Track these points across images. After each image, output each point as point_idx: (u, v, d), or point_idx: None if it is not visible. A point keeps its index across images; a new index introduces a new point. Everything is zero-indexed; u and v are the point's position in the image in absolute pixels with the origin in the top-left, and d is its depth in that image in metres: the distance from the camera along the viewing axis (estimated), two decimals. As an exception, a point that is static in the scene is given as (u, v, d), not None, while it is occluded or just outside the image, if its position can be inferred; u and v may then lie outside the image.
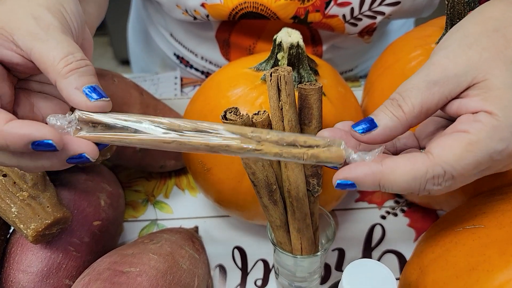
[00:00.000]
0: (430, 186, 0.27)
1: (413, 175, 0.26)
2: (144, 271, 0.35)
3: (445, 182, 0.26)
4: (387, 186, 0.27)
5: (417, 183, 0.26)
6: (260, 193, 0.36)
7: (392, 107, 0.28)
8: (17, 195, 0.37)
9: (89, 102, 0.27)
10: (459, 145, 0.26)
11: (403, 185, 0.27)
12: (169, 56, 0.70)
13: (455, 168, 0.26)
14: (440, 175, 0.26)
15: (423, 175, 0.26)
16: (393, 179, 0.27)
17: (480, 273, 0.29)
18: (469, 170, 0.26)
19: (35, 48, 0.27)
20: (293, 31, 0.41)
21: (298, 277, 0.42)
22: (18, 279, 0.38)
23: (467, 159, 0.26)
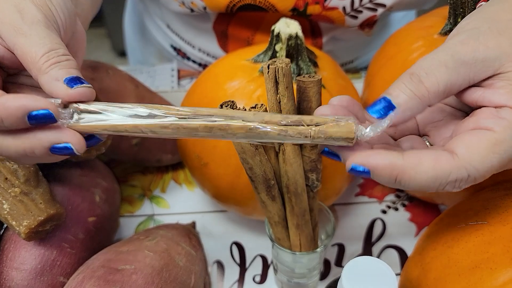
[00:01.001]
0: (449, 188, 0.25)
1: (435, 175, 0.24)
2: (139, 268, 0.35)
3: (466, 184, 0.25)
4: (404, 182, 0.25)
5: (437, 183, 0.25)
6: (258, 188, 0.35)
7: (412, 84, 0.26)
8: (9, 191, 0.36)
9: (70, 90, 0.26)
10: (485, 146, 0.24)
11: (421, 184, 0.25)
12: (166, 47, 0.69)
13: (479, 171, 0.25)
14: (463, 178, 0.25)
15: (446, 177, 0.25)
16: (413, 177, 0.25)
17: (483, 271, 0.28)
18: (492, 172, 0.25)
19: (17, 44, 0.27)
20: (291, 22, 0.40)
21: (297, 273, 0.41)
22: (12, 277, 0.37)
23: (492, 160, 0.24)
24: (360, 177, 0.33)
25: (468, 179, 0.25)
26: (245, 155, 0.32)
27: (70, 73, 0.27)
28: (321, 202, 0.40)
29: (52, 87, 0.26)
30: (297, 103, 0.32)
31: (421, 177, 0.25)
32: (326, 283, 0.44)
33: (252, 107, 0.31)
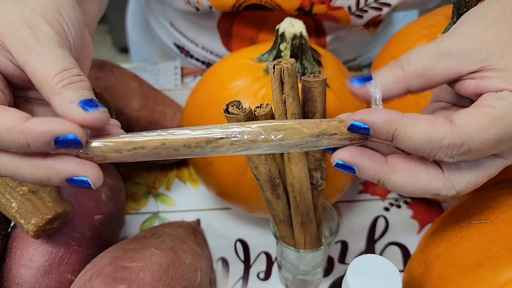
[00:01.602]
0: (441, 155, 0.25)
1: (429, 136, 0.25)
2: (146, 266, 0.35)
3: (459, 155, 0.25)
4: (400, 138, 0.26)
5: (430, 145, 0.25)
6: (263, 187, 0.35)
7: (394, 67, 0.27)
8: (17, 190, 0.36)
9: (86, 114, 0.25)
10: (484, 118, 0.25)
11: (415, 143, 0.25)
12: (169, 45, 0.69)
13: (474, 141, 0.25)
14: (456, 145, 0.25)
15: (439, 139, 0.25)
16: (408, 133, 0.25)
17: (487, 269, 0.29)
18: (488, 146, 0.25)
19: (29, 62, 0.26)
20: (296, 21, 0.40)
21: (301, 270, 0.42)
22: (20, 274, 0.37)
23: (488, 133, 0.25)
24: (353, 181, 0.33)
25: (462, 147, 0.25)
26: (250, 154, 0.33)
27: (84, 95, 0.26)
28: (325, 200, 0.40)
29: (66, 109, 0.25)
30: (302, 103, 0.33)
31: (416, 135, 0.25)
32: (329, 280, 0.45)
33: (258, 106, 0.32)
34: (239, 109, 0.30)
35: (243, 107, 0.30)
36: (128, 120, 0.48)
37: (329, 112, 0.38)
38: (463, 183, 0.27)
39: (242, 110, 0.30)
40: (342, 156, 0.28)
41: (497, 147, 0.25)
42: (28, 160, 0.25)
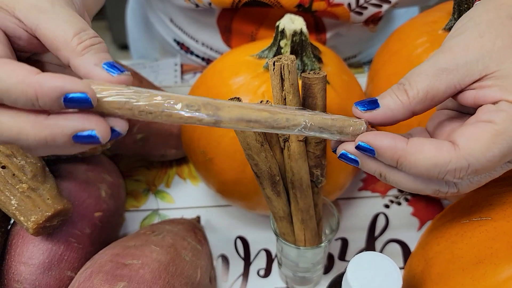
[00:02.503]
0: (449, 178, 0.26)
1: (435, 162, 0.25)
2: (147, 263, 0.35)
3: (468, 176, 0.26)
4: (405, 165, 0.26)
5: (436, 171, 0.25)
6: (263, 184, 0.35)
7: (398, 91, 0.28)
8: (17, 187, 0.36)
9: (112, 77, 0.25)
10: (485, 136, 0.25)
11: (421, 169, 0.26)
12: (169, 42, 0.68)
13: (480, 161, 0.25)
14: (463, 168, 0.25)
15: (445, 164, 0.25)
16: (413, 161, 0.26)
17: (487, 266, 0.29)
18: (494, 163, 0.25)
19: (41, 24, 0.25)
20: (296, 18, 0.40)
21: (301, 267, 0.42)
22: (20, 271, 0.37)
23: (492, 151, 0.25)
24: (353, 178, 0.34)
25: (469, 169, 0.25)
26: (250, 151, 0.32)
27: (106, 58, 0.26)
28: (325, 197, 0.40)
29: (91, 72, 0.25)
30: (302, 100, 0.33)
31: (421, 163, 0.26)
32: (330, 277, 0.45)
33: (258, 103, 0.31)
34: None
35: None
36: (127, 117, 0.48)
37: (329, 108, 0.38)
38: (465, 184, 0.27)
39: None
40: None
41: (503, 160, 0.26)
42: (33, 117, 0.24)
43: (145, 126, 0.50)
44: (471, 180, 0.27)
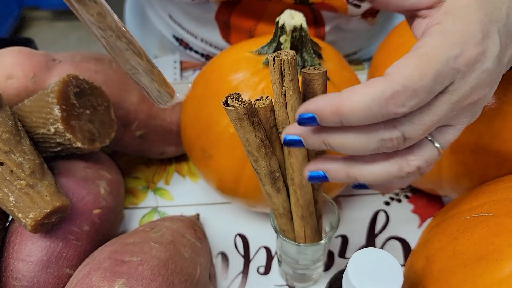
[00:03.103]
0: (394, 109, 0.24)
1: (370, 97, 0.24)
2: (146, 260, 0.35)
3: (409, 100, 0.24)
4: (346, 114, 0.25)
5: (377, 105, 0.24)
6: (263, 180, 0.35)
7: None
8: (15, 183, 0.36)
9: None
10: (413, 59, 0.25)
11: (363, 110, 0.24)
12: (168, 38, 0.68)
13: (413, 80, 0.24)
14: (398, 91, 0.24)
15: (381, 94, 0.24)
16: (351, 105, 0.25)
17: (489, 262, 0.29)
18: (430, 82, 0.24)
19: None
20: (296, 13, 0.40)
21: (301, 264, 0.41)
22: (18, 268, 0.37)
23: (422, 68, 0.24)
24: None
25: (406, 91, 0.24)
26: (250, 147, 0.32)
27: None
28: (325, 194, 0.40)
29: None
30: (302, 95, 0.32)
31: (359, 103, 0.24)
32: (330, 275, 0.44)
33: (257, 99, 0.31)
34: (238, 101, 0.30)
35: (243, 99, 0.30)
36: (127, 113, 0.48)
37: (329, 105, 0.38)
38: (409, 128, 0.26)
39: (241, 103, 0.30)
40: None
41: (440, 81, 0.25)
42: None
43: (145, 123, 0.49)
44: (414, 120, 0.26)
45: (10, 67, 0.44)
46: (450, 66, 0.25)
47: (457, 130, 0.28)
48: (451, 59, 0.25)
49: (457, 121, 0.28)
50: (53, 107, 0.39)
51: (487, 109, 0.37)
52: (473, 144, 0.38)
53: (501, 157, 0.37)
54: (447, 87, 0.26)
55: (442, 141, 0.28)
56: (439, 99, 0.26)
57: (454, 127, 0.28)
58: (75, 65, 0.46)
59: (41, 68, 0.45)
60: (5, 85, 0.43)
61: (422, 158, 0.27)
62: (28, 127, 0.40)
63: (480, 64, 0.26)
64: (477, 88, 0.26)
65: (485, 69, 0.26)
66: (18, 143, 0.37)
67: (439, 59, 0.25)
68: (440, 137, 0.28)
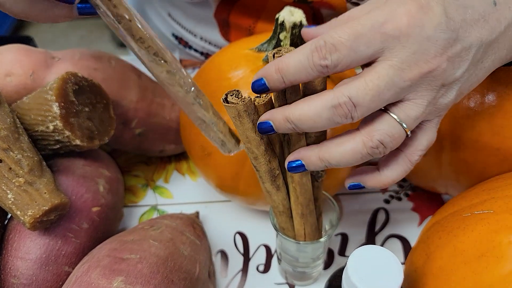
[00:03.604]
0: (317, 60, 0.27)
1: (301, 51, 0.28)
2: (145, 258, 0.35)
3: (330, 54, 0.27)
4: (284, 69, 0.28)
5: (305, 57, 0.27)
6: (263, 178, 0.35)
7: None
8: (13, 181, 0.36)
9: None
10: (343, 24, 0.28)
11: (294, 63, 0.28)
12: (168, 36, 0.68)
13: (333, 37, 0.27)
14: (321, 45, 0.27)
15: (309, 48, 0.27)
16: (286, 60, 0.28)
17: (490, 259, 0.28)
18: (349, 40, 0.27)
19: None
20: (296, 10, 0.39)
21: (301, 262, 0.41)
22: (17, 266, 0.37)
23: (345, 29, 0.27)
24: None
25: (326, 45, 0.27)
26: (250, 144, 0.32)
27: None
28: (325, 192, 0.40)
29: None
30: (302, 93, 0.32)
31: (291, 58, 0.28)
32: (329, 273, 0.44)
33: (257, 96, 0.31)
34: (238, 98, 0.30)
35: (242, 96, 0.30)
36: (126, 111, 0.48)
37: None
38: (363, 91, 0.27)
39: (241, 100, 0.29)
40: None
41: (362, 42, 0.27)
42: None
43: (144, 121, 0.49)
44: (358, 84, 0.27)
45: (9, 64, 0.44)
46: (376, 30, 0.27)
47: (418, 105, 0.28)
48: (377, 23, 0.27)
49: (415, 94, 0.28)
50: (52, 104, 0.39)
51: (488, 106, 0.37)
52: (474, 141, 0.38)
53: (501, 154, 0.37)
54: (384, 52, 0.27)
55: (402, 115, 0.28)
56: (378, 63, 0.27)
57: (414, 101, 0.28)
58: (74, 62, 0.46)
59: (40, 66, 0.45)
60: (4, 83, 0.43)
61: (383, 131, 0.28)
62: (27, 125, 0.40)
63: (417, 30, 0.26)
64: (421, 55, 0.27)
65: (425, 35, 0.26)
66: (16, 140, 0.37)
67: (362, 23, 0.27)
68: (398, 111, 0.28)
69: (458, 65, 0.28)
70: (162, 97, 0.52)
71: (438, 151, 0.40)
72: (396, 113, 0.28)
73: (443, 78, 0.28)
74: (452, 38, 0.27)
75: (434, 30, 0.27)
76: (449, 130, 0.39)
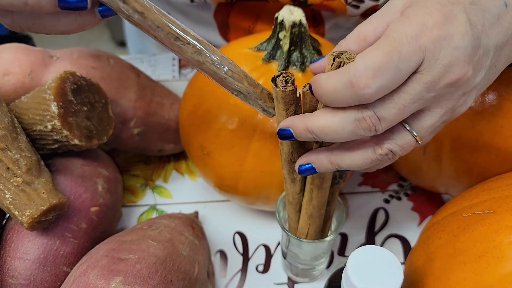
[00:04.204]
0: (359, 90, 0.26)
1: (338, 79, 0.27)
2: (143, 258, 0.35)
3: (373, 81, 0.25)
4: (319, 94, 0.28)
5: (343, 86, 0.26)
6: (283, 164, 0.35)
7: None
8: (11, 181, 0.36)
9: None
10: (376, 44, 0.26)
11: (331, 91, 0.27)
12: (167, 36, 0.68)
13: (374, 61, 0.25)
14: (361, 73, 0.26)
15: (347, 77, 0.26)
16: (323, 85, 0.27)
17: (490, 259, 0.28)
18: (391, 61, 0.25)
19: None
20: (295, 9, 0.39)
21: (301, 259, 0.41)
22: (15, 266, 0.37)
23: (382, 49, 0.26)
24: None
25: (367, 72, 0.25)
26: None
27: None
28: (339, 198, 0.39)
29: None
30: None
31: (327, 85, 0.27)
32: (329, 273, 0.44)
33: (304, 86, 0.31)
34: (286, 83, 0.30)
35: (290, 82, 0.30)
36: (125, 110, 0.47)
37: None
38: (390, 107, 0.27)
39: (283, 87, 0.30)
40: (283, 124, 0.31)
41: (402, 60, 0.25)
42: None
43: (143, 120, 0.49)
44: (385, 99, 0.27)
45: (7, 63, 0.43)
46: (412, 44, 0.25)
47: (435, 114, 0.28)
48: (412, 38, 0.25)
49: (436, 104, 0.28)
50: (50, 103, 0.38)
51: (488, 106, 0.37)
52: (474, 141, 0.38)
53: (502, 154, 0.37)
54: (418, 67, 0.26)
55: (416, 126, 0.28)
56: (410, 78, 0.26)
57: (433, 111, 0.28)
58: (73, 61, 0.45)
59: (38, 65, 0.44)
60: (2, 82, 0.43)
61: (394, 141, 0.28)
62: (25, 124, 0.40)
63: (447, 42, 0.26)
64: (451, 66, 0.26)
65: (454, 46, 0.26)
66: (14, 140, 0.37)
67: (397, 39, 0.25)
68: (413, 121, 0.28)
69: (479, 71, 0.28)
70: (161, 96, 0.51)
71: (438, 150, 0.40)
72: (411, 123, 0.28)
73: (466, 86, 0.27)
74: (476, 45, 0.27)
75: (462, 39, 0.26)
76: (449, 129, 0.39)
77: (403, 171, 0.48)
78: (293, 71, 0.41)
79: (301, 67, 0.41)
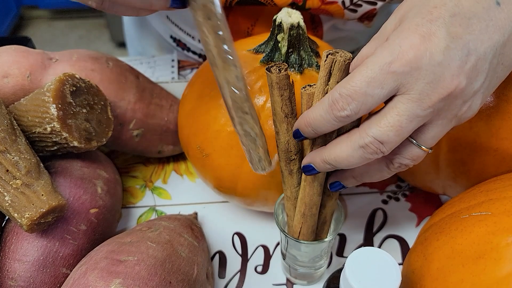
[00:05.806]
0: (337, 113, 0.28)
1: (320, 107, 0.29)
2: (142, 259, 0.35)
3: (348, 104, 0.28)
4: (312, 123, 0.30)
5: (325, 112, 0.29)
6: (280, 155, 0.35)
7: None
8: (10, 183, 0.36)
9: None
10: (353, 72, 0.28)
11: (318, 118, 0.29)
12: (166, 38, 0.68)
13: (346, 87, 0.28)
14: (336, 98, 0.28)
15: (326, 103, 0.29)
16: (311, 116, 0.30)
17: (487, 261, 0.28)
18: (361, 87, 0.27)
19: None
20: (293, 11, 0.39)
21: (300, 261, 0.41)
22: (14, 269, 0.37)
23: (355, 77, 0.28)
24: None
25: (341, 96, 0.28)
26: (275, 117, 0.33)
27: None
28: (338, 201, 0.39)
29: None
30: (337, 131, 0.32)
31: (314, 114, 0.30)
32: (328, 274, 0.44)
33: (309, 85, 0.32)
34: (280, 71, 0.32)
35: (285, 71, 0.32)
36: (124, 112, 0.48)
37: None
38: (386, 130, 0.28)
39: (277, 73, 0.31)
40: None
41: (374, 85, 0.27)
42: None
43: (142, 122, 0.49)
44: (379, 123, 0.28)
45: (6, 65, 0.44)
46: (385, 71, 0.27)
47: (438, 125, 0.29)
48: (385, 64, 0.27)
49: (437, 117, 0.28)
50: (49, 106, 0.39)
51: (485, 108, 0.37)
52: (471, 142, 0.38)
53: (499, 155, 0.37)
54: (399, 89, 0.27)
55: (421, 139, 0.29)
56: (396, 100, 0.28)
57: (435, 123, 0.29)
58: (72, 63, 0.46)
59: (37, 67, 0.44)
60: (1, 84, 0.43)
61: (403, 156, 0.30)
62: (24, 126, 0.40)
63: (426, 60, 0.26)
64: (437, 82, 0.27)
65: (436, 63, 0.26)
66: (14, 142, 0.37)
67: (370, 67, 0.27)
68: (419, 136, 0.29)
69: (476, 77, 0.28)
70: (160, 98, 0.51)
71: (436, 151, 0.40)
72: (416, 138, 0.29)
73: (462, 95, 0.28)
74: (464, 54, 0.27)
75: (443, 54, 0.26)
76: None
77: (401, 172, 0.48)
78: (291, 73, 0.41)
79: (299, 69, 0.41)
